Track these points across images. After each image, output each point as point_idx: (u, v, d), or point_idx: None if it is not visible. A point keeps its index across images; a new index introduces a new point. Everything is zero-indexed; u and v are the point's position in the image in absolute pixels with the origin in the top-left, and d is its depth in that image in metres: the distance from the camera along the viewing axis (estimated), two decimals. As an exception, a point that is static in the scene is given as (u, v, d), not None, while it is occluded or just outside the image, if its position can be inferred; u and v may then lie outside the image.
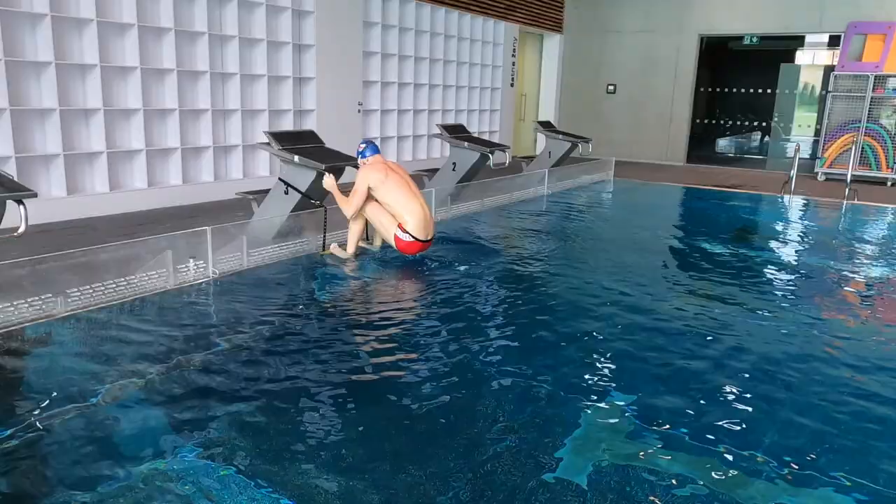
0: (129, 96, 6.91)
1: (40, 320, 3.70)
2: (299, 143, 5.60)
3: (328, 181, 5.22)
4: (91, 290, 4.03)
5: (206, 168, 7.74)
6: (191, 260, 4.55)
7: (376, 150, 5.29)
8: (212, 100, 7.64)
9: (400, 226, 5.02)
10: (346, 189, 5.91)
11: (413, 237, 5.01)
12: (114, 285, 4.14)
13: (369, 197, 5.10)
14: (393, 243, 5.11)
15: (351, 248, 5.30)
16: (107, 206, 6.70)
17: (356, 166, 5.58)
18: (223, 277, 4.64)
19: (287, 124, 8.53)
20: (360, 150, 5.28)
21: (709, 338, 3.88)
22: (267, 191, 5.77)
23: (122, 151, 6.91)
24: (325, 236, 5.48)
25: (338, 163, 5.48)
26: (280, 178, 5.55)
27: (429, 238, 5.12)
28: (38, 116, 6.23)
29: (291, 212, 5.50)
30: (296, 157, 5.34)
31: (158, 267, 4.37)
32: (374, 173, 5.05)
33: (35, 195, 3.51)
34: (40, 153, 6.25)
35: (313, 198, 5.51)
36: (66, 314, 3.81)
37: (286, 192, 5.50)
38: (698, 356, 3.61)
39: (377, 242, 5.57)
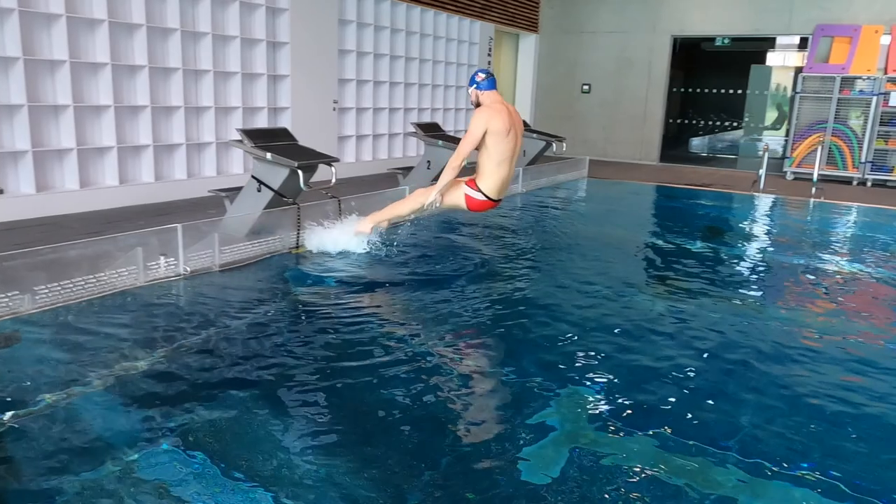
0: (100, 93, 6.84)
1: (6, 317, 3.68)
2: (272, 141, 5.60)
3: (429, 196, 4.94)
4: (59, 288, 4.00)
5: (178, 165, 7.69)
6: (161, 257, 4.53)
7: (493, 85, 4.76)
8: (184, 97, 7.59)
9: (471, 183, 4.75)
10: (319, 186, 5.92)
11: (485, 196, 4.75)
12: (83, 282, 4.11)
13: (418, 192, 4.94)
14: (463, 205, 4.86)
15: (373, 223, 5.21)
16: (77, 204, 6.64)
17: (329, 164, 5.61)
18: (195, 275, 4.64)
19: (261, 122, 8.51)
20: (479, 80, 4.74)
21: (682, 332, 3.97)
22: (240, 188, 5.75)
23: (92, 148, 6.84)
24: (298, 234, 5.49)
25: (311, 160, 5.49)
26: (253, 176, 5.55)
27: (500, 198, 4.88)
28: (6, 112, 6.14)
29: (264, 209, 5.51)
30: (268, 155, 5.35)
31: (128, 264, 4.36)
32: (501, 117, 4.60)
33: (1, 192, 3.49)
34: (8, 150, 6.17)
35: (286, 195, 5.52)
36: (34, 311, 3.78)
37: (259, 190, 5.50)
38: (672, 351, 3.68)
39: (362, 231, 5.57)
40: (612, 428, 2.83)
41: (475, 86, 4.75)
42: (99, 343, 3.48)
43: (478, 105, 4.79)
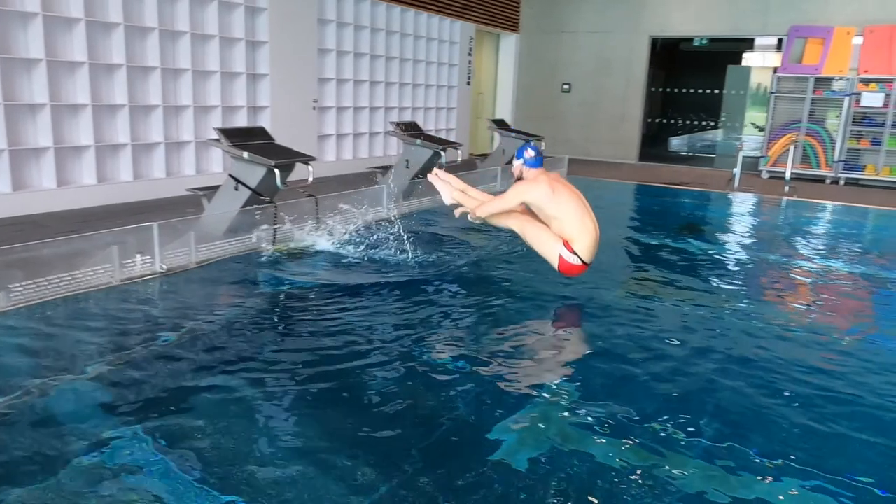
0: (77, 92, 6.84)
1: (-19, 315, 3.70)
2: (249, 140, 5.64)
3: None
4: (34, 286, 4.03)
5: (157, 164, 7.70)
6: (137, 255, 4.57)
7: (540, 164, 4.54)
8: (163, 96, 7.60)
9: (567, 244, 4.39)
10: (295, 185, 5.97)
11: (581, 259, 4.40)
12: (58, 280, 4.14)
13: (525, 212, 4.58)
14: (555, 264, 4.48)
15: (453, 199, 4.90)
16: (54, 203, 6.64)
17: (306, 162, 5.66)
18: (171, 273, 4.67)
19: (241, 120, 8.53)
20: (529, 156, 4.52)
21: (658, 327, 4.06)
22: (218, 187, 5.79)
23: (70, 147, 6.84)
24: (275, 232, 5.54)
25: (287, 159, 5.54)
26: (230, 175, 5.59)
27: (591, 261, 4.51)
28: (-18, 111, 6.14)
29: (242, 208, 5.54)
30: (245, 154, 5.39)
31: (104, 262, 4.39)
32: (540, 187, 4.36)
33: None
34: (-16, 148, 6.17)
35: (263, 194, 5.56)
36: (9, 309, 3.81)
37: (236, 189, 5.53)
38: (648, 346, 3.76)
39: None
40: (591, 423, 2.87)
41: (522, 160, 4.53)
42: (71, 341, 3.52)
43: (519, 179, 4.59)
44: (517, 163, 4.58)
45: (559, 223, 4.40)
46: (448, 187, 4.95)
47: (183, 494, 2.30)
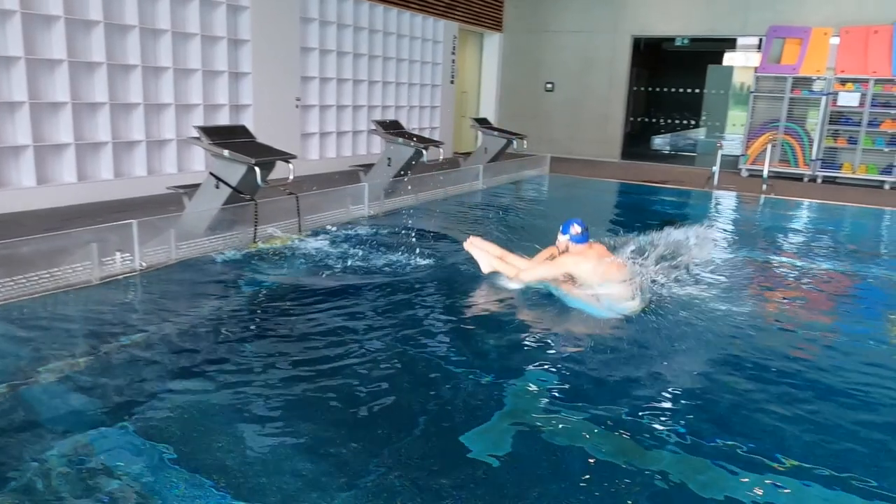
0: (57, 90, 6.82)
1: (-41, 313, 3.71)
2: (230, 138, 5.67)
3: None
4: (13, 283, 4.04)
5: (138, 162, 7.69)
6: (117, 253, 4.59)
7: (586, 240, 4.53)
8: (144, 94, 7.59)
9: None
10: (276, 183, 6.00)
11: None
12: (36, 278, 4.16)
13: (567, 282, 4.49)
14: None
15: (491, 267, 4.87)
16: (34, 201, 6.61)
17: (287, 160, 5.69)
18: (150, 270, 4.69)
19: (223, 119, 8.53)
20: (575, 233, 4.49)
21: (640, 324, 4.11)
22: (198, 185, 5.81)
23: (49, 145, 6.82)
24: (255, 229, 5.57)
25: (268, 157, 5.57)
26: (211, 173, 5.61)
27: None
28: (-40, 109, 6.11)
29: (223, 206, 5.57)
30: (226, 152, 5.41)
31: (83, 260, 4.40)
32: (589, 263, 4.35)
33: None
34: (-38, 146, 6.14)
35: (244, 192, 5.59)
36: (-13, 306, 3.82)
37: (217, 187, 5.56)
38: (630, 342, 3.82)
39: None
40: (577, 419, 2.91)
41: (568, 236, 4.53)
42: (50, 339, 3.54)
43: (563, 252, 4.61)
44: (563, 238, 4.55)
45: (605, 297, 4.33)
46: (486, 256, 4.92)
47: (171, 488, 2.33)
